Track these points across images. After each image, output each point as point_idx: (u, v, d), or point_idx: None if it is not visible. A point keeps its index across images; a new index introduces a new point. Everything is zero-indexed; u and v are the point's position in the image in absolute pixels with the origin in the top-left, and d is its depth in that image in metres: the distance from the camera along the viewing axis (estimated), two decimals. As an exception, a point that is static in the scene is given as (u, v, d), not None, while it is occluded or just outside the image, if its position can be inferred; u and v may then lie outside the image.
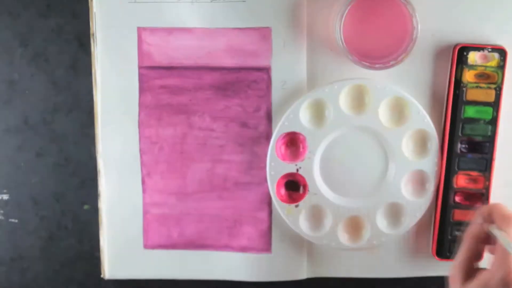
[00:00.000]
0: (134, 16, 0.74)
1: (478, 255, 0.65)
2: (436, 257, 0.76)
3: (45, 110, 0.77)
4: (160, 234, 0.77)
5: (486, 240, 0.64)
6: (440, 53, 0.74)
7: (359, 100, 0.74)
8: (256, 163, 0.76)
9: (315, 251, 0.77)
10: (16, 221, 0.79)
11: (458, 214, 0.75)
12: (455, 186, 0.75)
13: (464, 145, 0.74)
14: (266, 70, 0.75)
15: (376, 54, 0.71)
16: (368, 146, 0.75)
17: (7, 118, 0.78)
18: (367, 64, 0.71)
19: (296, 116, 0.74)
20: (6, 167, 0.78)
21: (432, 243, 0.76)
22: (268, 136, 0.75)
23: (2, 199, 0.79)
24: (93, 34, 0.75)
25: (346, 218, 0.76)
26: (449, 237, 0.75)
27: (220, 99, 0.75)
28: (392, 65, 0.71)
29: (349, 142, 0.75)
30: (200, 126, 0.76)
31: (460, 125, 0.74)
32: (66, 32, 0.76)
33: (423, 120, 0.74)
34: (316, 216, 0.76)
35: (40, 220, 0.79)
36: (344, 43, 0.71)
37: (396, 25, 0.71)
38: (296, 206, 0.76)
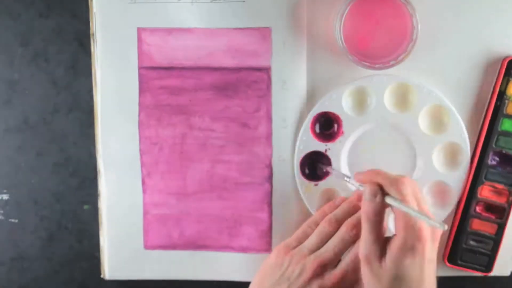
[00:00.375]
0: (134, 17, 0.74)
1: (382, 228, 0.65)
2: (447, 263, 0.76)
3: (45, 110, 0.77)
4: (160, 234, 0.77)
5: (383, 211, 0.65)
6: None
7: (403, 99, 0.74)
8: (256, 163, 0.76)
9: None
10: (16, 221, 0.79)
11: (476, 224, 0.75)
12: (478, 196, 0.75)
13: (495, 157, 0.74)
14: (266, 70, 0.75)
15: (376, 54, 0.71)
16: (399, 145, 0.75)
17: (7, 118, 0.78)
18: (367, 64, 0.71)
19: (339, 98, 0.74)
20: (6, 167, 0.78)
21: (445, 248, 0.76)
22: (268, 136, 0.75)
23: (2, 199, 0.79)
24: (93, 34, 0.75)
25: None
26: (464, 245, 0.76)
27: (220, 100, 0.75)
28: (392, 65, 0.71)
29: (382, 136, 0.75)
30: (200, 126, 0.76)
31: (495, 137, 0.74)
32: (66, 32, 0.76)
33: (460, 134, 0.74)
34: (332, 199, 0.76)
35: (40, 220, 0.79)
36: (344, 43, 0.71)
37: (396, 25, 0.71)
38: (316, 185, 0.76)
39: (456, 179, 0.75)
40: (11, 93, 0.77)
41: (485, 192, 0.75)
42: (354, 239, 0.69)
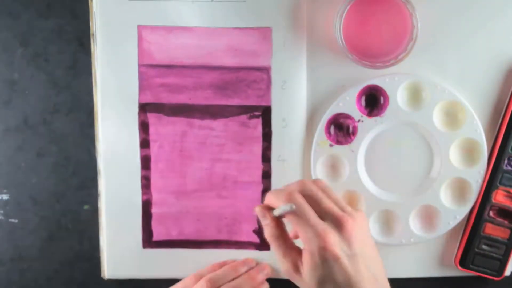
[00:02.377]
0: (134, 14, 0.74)
1: (288, 241, 0.66)
2: (459, 267, 0.76)
3: (45, 110, 0.77)
4: (160, 233, 0.77)
5: (279, 226, 0.66)
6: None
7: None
8: (256, 163, 0.76)
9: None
10: (16, 221, 0.79)
11: (489, 228, 0.75)
12: (493, 200, 0.75)
13: (511, 162, 0.74)
14: (266, 70, 0.75)
15: (376, 53, 0.72)
16: (415, 144, 0.75)
17: (7, 118, 0.78)
18: (367, 63, 0.71)
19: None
20: (6, 167, 0.78)
21: (457, 252, 0.76)
22: (267, 136, 0.75)
23: (2, 199, 0.79)
24: (93, 34, 0.75)
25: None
26: (476, 249, 0.76)
27: (220, 99, 0.75)
28: (392, 64, 0.71)
29: (398, 136, 0.75)
30: (199, 125, 0.76)
31: None
32: (66, 32, 0.76)
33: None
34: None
35: (40, 220, 0.79)
36: (344, 43, 0.71)
37: (396, 24, 0.71)
38: (331, 145, 0.75)
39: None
40: (11, 93, 0.77)
41: (499, 197, 0.75)
42: None
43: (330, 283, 0.62)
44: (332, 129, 0.75)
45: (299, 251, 0.65)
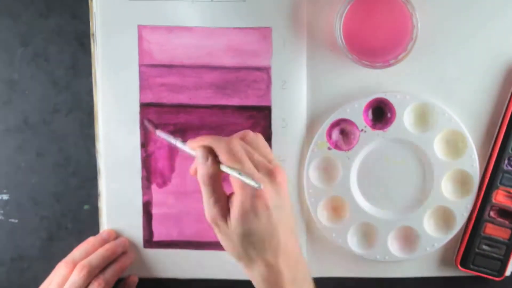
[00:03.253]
0: (135, 14, 0.74)
1: (220, 188, 0.66)
2: (460, 267, 0.76)
3: (45, 110, 0.77)
4: (160, 234, 0.77)
5: (218, 173, 0.66)
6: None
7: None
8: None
9: (315, 251, 0.77)
10: (16, 221, 0.79)
11: (489, 228, 0.75)
12: (493, 200, 0.75)
13: (511, 162, 0.74)
14: (266, 69, 0.75)
15: (376, 53, 0.71)
16: (412, 165, 0.76)
17: (7, 118, 0.78)
18: (367, 63, 0.71)
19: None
20: (6, 167, 0.78)
21: (458, 252, 0.76)
22: (267, 136, 0.75)
23: (2, 199, 0.79)
24: (93, 34, 0.75)
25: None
26: (476, 249, 0.76)
27: (220, 98, 0.75)
28: (392, 64, 0.71)
29: (396, 153, 0.75)
30: (199, 124, 0.76)
31: None
32: (66, 32, 0.76)
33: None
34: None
35: (40, 220, 0.79)
36: (344, 43, 0.71)
37: (396, 24, 0.71)
38: (329, 148, 0.75)
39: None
40: (11, 93, 0.77)
41: (500, 197, 0.75)
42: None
43: (254, 232, 0.64)
44: (334, 133, 0.75)
45: (227, 199, 0.66)
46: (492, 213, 0.75)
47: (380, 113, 0.75)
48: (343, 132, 0.76)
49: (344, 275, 0.78)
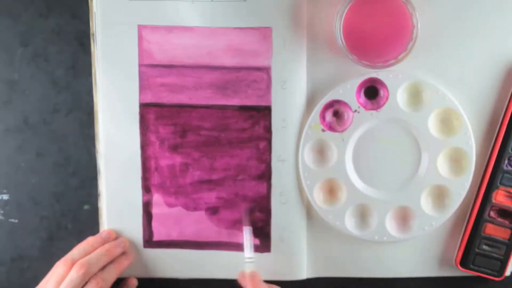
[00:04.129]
0: (135, 14, 0.74)
1: None
2: (459, 267, 0.76)
3: (45, 110, 0.77)
4: (160, 234, 0.77)
5: None
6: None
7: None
8: (256, 163, 0.76)
9: (315, 251, 0.77)
10: (16, 221, 0.79)
11: (489, 229, 0.75)
12: (493, 200, 0.75)
13: (511, 162, 0.74)
14: (266, 69, 0.75)
15: (376, 53, 0.71)
16: (406, 143, 0.75)
17: (7, 118, 0.78)
18: (367, 63, 0.71)
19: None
20: (6, 167, 0.78)
21: (458, 252, 0.76)
22: (267, 136, 0.75)
23: (2, 199, 0.79)
24: (93, 34, 0.75)
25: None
26: (476, 249, 0.75)
27: (220, 98, 0.75)
28: (392, 64, 0.71)
29: (391, 133, 0.75)
30: (200, 125, 0.76)
31: None
32: (66, 32, 0.77)
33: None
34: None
35: (40, 220, 0.79)
36: (344, 42, 0.71)
37: (396, 24, 0.71)
38: (323, 130, 0.75)
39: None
40: (11, 93, 0.77)
41: (500, 197, 0.75)
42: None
43: None
44: (328, 114, 0.75)
45: None
46: (492, 213, 0.75)
47: (374, 93, 0.75)
48: (337, 113, 0.76)
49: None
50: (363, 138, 0.75)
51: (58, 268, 0.72)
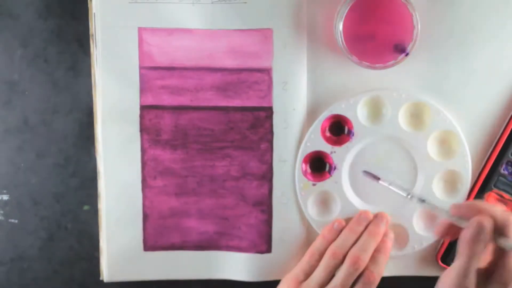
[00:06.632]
0: (135, 17, 0.74)
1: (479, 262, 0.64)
2: (440, 263, 0.76)
3: (45, 111, 0.77)
4: (160, 235, 0.77)
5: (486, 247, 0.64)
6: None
7: (417, 118, 0.75)
8: (257, 164, 0.76)
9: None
10: (16, 221, 0.79)
11: None
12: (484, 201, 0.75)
13: (508, 166, 0.74)
14: (267, 71, 0.75)
15: (376, 54, 0.71)
16: (403, 163, 0.75)
17: (7, 119, 0.78)
18: (368, 64, 0.71)
19: (355, 104, 0.74)
20: (6, 167, 0.78)
21: (441, 247, 0.76)
22: (268, 137, 0.75)
23: (2, 199, 0.79)
24: (92, 35, 0.75)
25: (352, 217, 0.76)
26: None
27: (221, 100, 0.75)
28: (392, 65, 0.71)
29: (389, 150, 0.75)
30: (200, 126, 0.76)
31: None
32: (66, 33, 0.76)
33: (464, 165, 0.74)
34: (326, 203, 0.77)
35: (40, 220, 0.79)
36: (344, 44, 0.71)
37: (396, 25, 0.71)
38: (313, 184, 0.76)
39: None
40: (11, 94, 0.77)
41: (491, 199, 0.75)
42: (359, 271, 0.70)
43: None
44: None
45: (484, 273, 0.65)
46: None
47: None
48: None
49: None
50: (361, 154, 0.76)
51: (304, 261, 0.73)
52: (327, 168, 0.76)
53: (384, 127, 0.75)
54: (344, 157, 0.75)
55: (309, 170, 0.76)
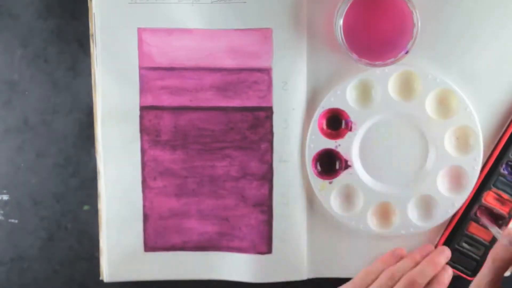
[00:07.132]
0: (134, 17, 0.74)
1: (502, 276, 0.65)
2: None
3: (45, 111, 0.77)
4: (160, 236, 0.77)
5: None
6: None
7: (408, 86, 0.75)
8: (257, 164, 0.76)
9: (315, 251, 0.77)
10: (16, 221, 0.79)
11: (473, 228, 0.75)
12: (482, 200, 0.75)
13: (508, 167, 0.74)
14: (267, 71, 0.75)
15: (376, 52, 0.71)
16: (410, 134, 0.75)
17: (7, 119, 0.78)
18: (368, 62, 0.71)
19: (343, 93, 0.74)
20: (6, 167, 0.78)
21: (437, 244, 0.76)
22: (268, 137, 0.75)
23: (2, 199, 0.79)
24: (92, 35, 0.75)
25: (378, 203, 0.76)
26: (456, 246, 0.76)
27: (221, 100, 0.75)
28: (392, 63, 0.71)
29: (392, 127, 0.75)
30: (200, 126, 0.76)
31: None
32: (65, 33, 0.76)
33: (469, 117, 0.74)
34: (348, 196, 0.77)
35: (40, 220, 0.79)
36: (344, 41, 0.71)
37: (396, 23, 0.71)
38: (330, 182, 0.76)
39: (470, 161, 0.75)
40: (11, 94, 0.77)
41: (489, 198, 0.75)
42: None
43: None
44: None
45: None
46: (478, 213, 0.75)
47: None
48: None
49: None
50: (365, 139, 0.76)
51: (356, 281, 0.72)
52: (337, 165, 0.76)
53: (378, 106, 0.75)
54: (350, 147, 0.75)
55: (320, 169, 0.76)
